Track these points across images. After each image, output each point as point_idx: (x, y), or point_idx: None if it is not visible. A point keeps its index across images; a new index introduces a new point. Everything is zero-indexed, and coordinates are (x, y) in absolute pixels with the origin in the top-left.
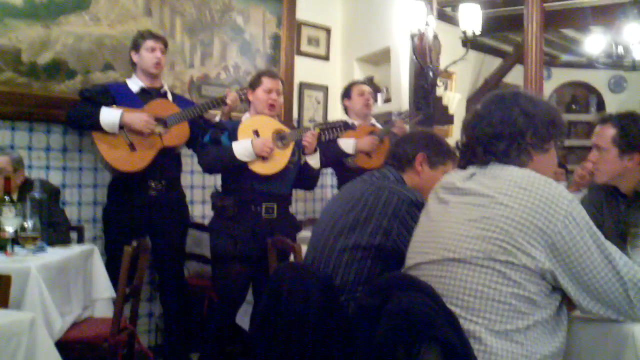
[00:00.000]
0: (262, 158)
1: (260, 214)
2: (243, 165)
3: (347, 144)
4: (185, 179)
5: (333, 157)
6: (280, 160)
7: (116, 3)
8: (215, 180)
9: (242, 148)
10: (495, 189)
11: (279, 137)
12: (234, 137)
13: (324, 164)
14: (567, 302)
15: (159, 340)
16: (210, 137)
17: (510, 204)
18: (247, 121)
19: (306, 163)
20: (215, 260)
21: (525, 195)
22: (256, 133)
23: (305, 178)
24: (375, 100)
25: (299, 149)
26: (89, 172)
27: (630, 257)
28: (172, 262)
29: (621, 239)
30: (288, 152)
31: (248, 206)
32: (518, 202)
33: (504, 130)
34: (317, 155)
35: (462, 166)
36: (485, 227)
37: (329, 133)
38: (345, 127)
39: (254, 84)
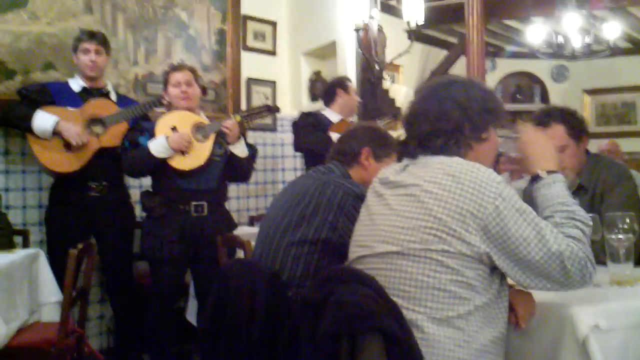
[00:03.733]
0: (182, 153)
1: (189, 213)
2: (164, 164)
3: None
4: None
5: (322, 148)
6: (201, 153)
7: (55, 0)
8: (143, 181)
9: (157, 145)
10: (426, 178)
11: (198, 129)
12: (152, 136)
13: (311, 150)
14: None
15: (111, 342)
16: (128, 140)
17: (440, 192)
18: (164, 118)
19: (232, 153)
20: (147, 261)
21: (455, 182)
22: (174, 129)
23: (235, 169)
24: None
25: (224, 140)
26: (32, 174)
27: None
28: (118, 263)
29: None
30: (209, 144)
31: (176, 206)
32: (448, 189)
33: (440, 127)
34: (242, 143)
35: (399, 160)
36: (419, 217)
37: (253, 118)
38: (268, 110)
39: (165, 83)
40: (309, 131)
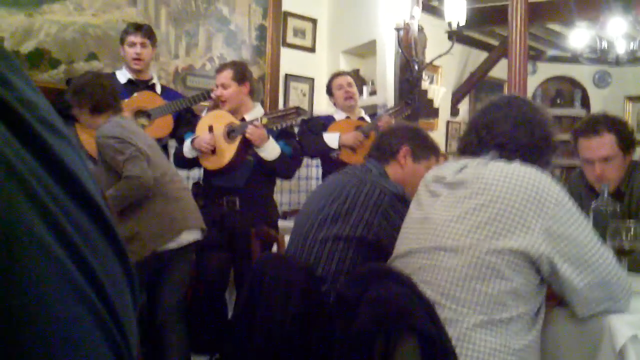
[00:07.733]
0: (213, 152)
1: (222, 207)
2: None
3: (331, 138)
4: None
5: (319, 150)
6: (225, 154)
7: None
8: (200, 173)
9: (186, 144)
10: (488, 179)
11: (229, 130)
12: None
13: (311, 156)
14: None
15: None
16: (176, 136)
17: (502, 192)
18: (205, 117)
19: (260, 156)
20: None
21: (517, 184)
22: (210, 129)
23: (267, 170)
24: (361, 93)
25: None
26: None
27: None
28: None
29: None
30: (234, 145)
31: (212, 199)
32: (510, 190)
33: (525, 138)
34: (269, 146)
35: (462, 149)
36: (477, 217)
37: (280, 121)
38: (298, 112)
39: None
40: (304, 137)
